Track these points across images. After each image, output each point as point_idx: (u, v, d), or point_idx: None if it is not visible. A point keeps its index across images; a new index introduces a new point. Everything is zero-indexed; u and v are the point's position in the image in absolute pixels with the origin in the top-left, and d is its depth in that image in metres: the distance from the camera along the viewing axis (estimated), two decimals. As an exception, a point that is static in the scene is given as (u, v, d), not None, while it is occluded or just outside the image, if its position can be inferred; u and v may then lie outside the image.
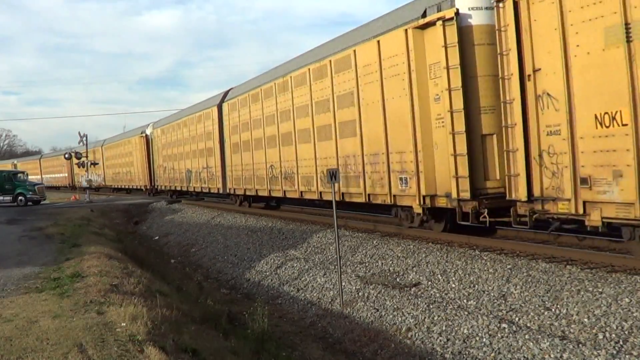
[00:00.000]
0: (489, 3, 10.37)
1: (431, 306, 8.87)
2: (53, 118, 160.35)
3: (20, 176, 34.37)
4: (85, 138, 37.55)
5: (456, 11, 10.53)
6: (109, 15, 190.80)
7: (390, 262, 11.33)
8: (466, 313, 8.29)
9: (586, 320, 7.05)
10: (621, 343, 6.41)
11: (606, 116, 7.93)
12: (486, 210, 10.32)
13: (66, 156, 41.60)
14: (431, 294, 9.33)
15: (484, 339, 7.52)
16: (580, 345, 6.61)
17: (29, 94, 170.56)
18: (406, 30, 11.61)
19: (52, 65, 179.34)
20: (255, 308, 9.38)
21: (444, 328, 8.19)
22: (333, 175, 10.70)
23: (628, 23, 7.57)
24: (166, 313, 7.49)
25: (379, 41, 12.61)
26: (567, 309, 7.42)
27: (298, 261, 13.39)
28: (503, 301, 8.27)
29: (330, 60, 14.70)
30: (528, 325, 7.43)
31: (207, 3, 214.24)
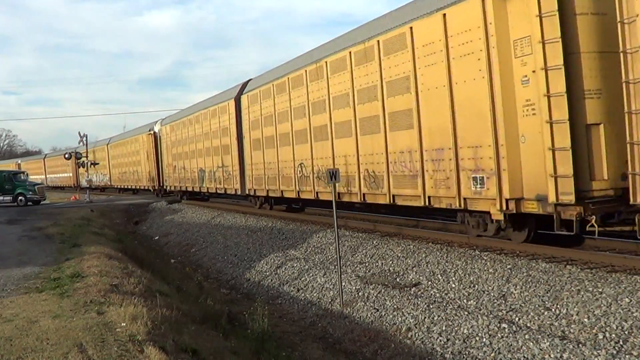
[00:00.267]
0: None
1: (431, 306, 8.87)
2: (53, 118, 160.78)
3: (20, 176, 34.42)
4: (85, 138, 37.59)
5: None
6: (109, 15, 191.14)
7: (390, 262, 11.33)
8: (466, 313, 8.30)
9: (586, 320, 7.05)
10: (621, 343, 6.41)
11: None
12: (594, 217, 8.59)
13: (66, 156, 41.50)
14: (431, 294, 9.34)
15: (484, 339, 7.52)
16: (580, 345, 6.61)
17: (29, 94, 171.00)
18: None
19: (52, 65, 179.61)
20: (255, 308, 9.40)
21: (444, 328, 8.19)
22: (333, 175, 10.71)
23: None
24: (166, 313, 7.49)
25: (445, 15, 10.65)
26: (567, 309, 7.42)
27: (298, 261, 13.40)
28: (503, 301, 8.27)
29: (378, 40, 12.66)
30: (528, 325, 7.44)
31: (208, 3, 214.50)
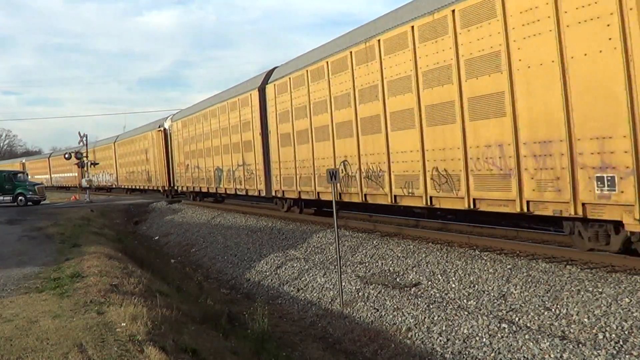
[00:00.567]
0: None
1: (431, 306, 8.87)
2: (53, 118, 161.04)
3: (20, 176, 34.43)
4: (85, 138, 37.58)
5: None
6: (109, 15, 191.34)
7: (390, 262, 11.33)
8: (466, 313, 8.30)
9: (586, 320, 7.05)
10: (621, 343, 6.41)
11: None
12: None
13: (66, 156, 41.49)
14: (431, 294, 9.34)
15: (484, 339, 7.52)
16: (580, 345, 6.61)
17: (29, 94, 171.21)
18: None
19: (52, 65, 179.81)
20: (255, 308, 9.41)
21: (444, 328, 8.19)
22: (333, 175, 10.71)
23: None
24: (166, 313, 7.50)
25: None
26: (567, 309, 7.42)
27: (298, 261, 13.39)
28: (503, 301, 8.27)
29: (452, 10, 10.61)
30: (528, 325, 7.44)
31: (208, 3, 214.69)
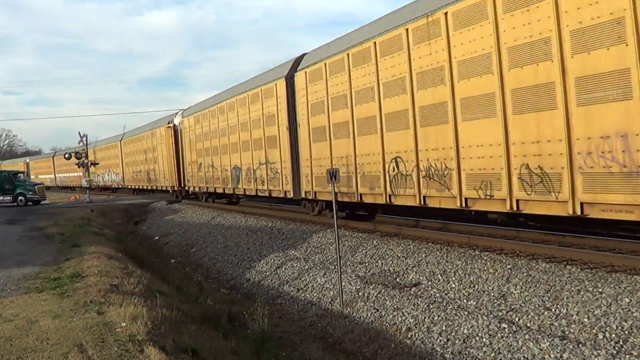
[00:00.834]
0: None
1: (431, 306, 8.87)
2: (53, 118, 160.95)
3: (20, 176, 34.44)
4: (85, 138, 37.57)
5: None
6: (110, 15, 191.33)
7: (390, 262, 11.33)
8: (466, 313, 8.30)
9: (586, 320, 7.05)
10: (621, 343, 6.42)
11: None
12: None
13: (66, 156, 41.46)
14: (431, 294, 9.34)
15: (484, 339, 7.52)
16: (580, 345, 6.61)
17: (29, 94, 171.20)
18: None
19: (52, 65, 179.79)
20: (255, 308, 9.42)
21: (444, 328, 8.19)
22: (333, 175, 10.71)
23: None
24: (166, 313, 7.50)
25: None
26: (567, 309, 7.42)
27: (298, 261, 13.39)
28: (503, 301, 8.27)
29: None
30: (528, 325, 7.44)
31: (208, 3, 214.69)
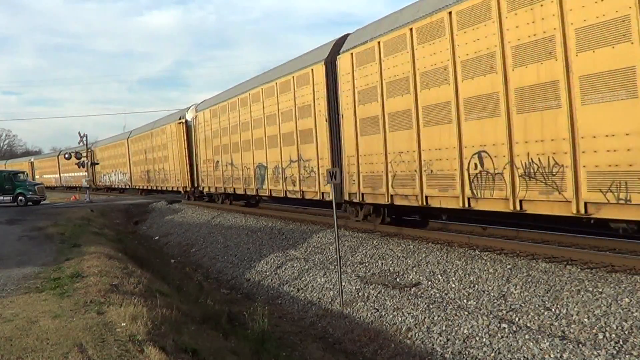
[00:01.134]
0: None
1: (431, 306, 8.87)
2: (53, 118, 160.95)
3: (20, 176, 34.44)
4: (85, 138, 37.59)
5: None
6: (110, 15, 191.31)
7: (390, 262, 11.33)
8: (466, 313, 8.30)
9: (586, 320, 7.05)
10: (621, 343, 6.41)
11: None
12: None
13: (66, 156, 41.48)
14: (431, 294, 9.34)
15: (484, 339, 7.52)
16: (580, 345, 6.61)
17: (29, 94, 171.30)
18: None
19: (52, 65, 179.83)
20: (255, 308, 9.41)
21: (444, 328, 8.19)
22: (333, 175, 10.70)
23: None
24: (166, 313, 7.49)
25: None
26: (567, 309, 7.42)
27: (298, 261, 13.39)
28: (503, 301, 8.27)
29: None
30: (528, 325, 7.44)
31: (208, 3, 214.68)
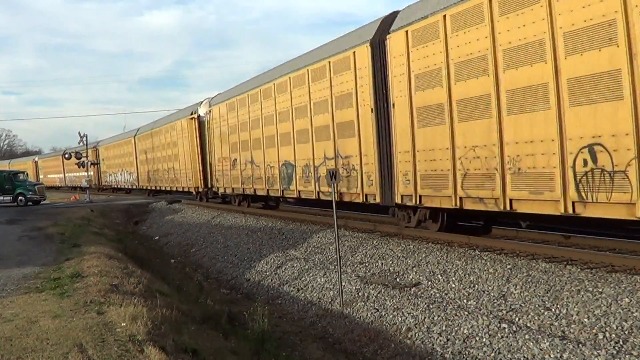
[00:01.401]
0: None
1: (431, 306, 8.87)
2: (53, 118, 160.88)
3: (20, 176, 34.45)
4: (85, 138, 37.59)
5: None
6: (110, 15, 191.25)
7: (390, 262, 11.33)
8: (466, 313, 8.29)
9: (586, 320, 7.05)
10: (621, 343, 6.41)
11: None
12: None
13: (66, 156, 41.47)
14: (431, 294, 9.34)
15: (484, 339, 7.52)
16: (580, 345, 6.61)
17: (29, 94, 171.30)
18: None
19: (52, 65, 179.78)
20: (255, 308, 9.41)
21: (444, 328, 8.19)
22: (333, 175, 10.70)
23: None
24: (166, 313, 7.49)
25: None
26: (567, 309, 7.42)
27: (298, 261, 13.39)
28: (503, 301, 8.27)
29: None
30: (528, 325, 7.43)
31: (208, 3, 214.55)
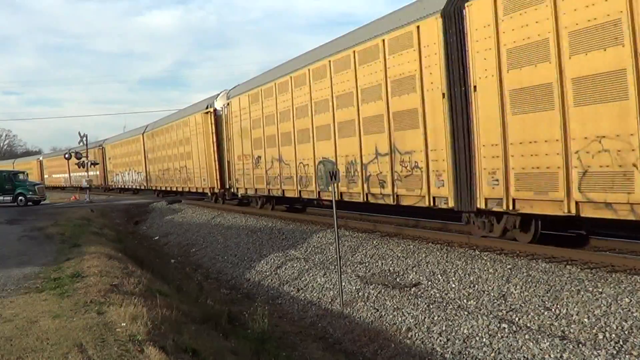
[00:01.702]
0: None
1: (431, 306, 8.87)
2: (53, 118, 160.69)
3: (20, 176, 34.45)
4: (85, 138, 37.60)
5: None
6: (110, 15, 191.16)
7: (390, 262, 11.33)
8: (466, 313, 8.29)
9: (586, 320, 7.05)
10: (621, 343, 6.41)
11: None
12: None
13: (66, 156, 41.46)
14: (431, 294, 9.34)
15: (484, 339, 7.52)
16: (580, 345, 6.61)
17: (29, 94, 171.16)
18: None
19: (53, 65, 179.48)
20: (255, 308, 9.40)
21: (444, 328, 8.19)
22: (333, 175, 10.69)
23: None
24: (166, 313, 7.49)
25: None
26: (567, 309, 7.42)
27: (298, 261, 13.39)
28: (503, 301, 8.27)
29: None
30: (528, 325, 7.43)
31: (208, 3, 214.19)
